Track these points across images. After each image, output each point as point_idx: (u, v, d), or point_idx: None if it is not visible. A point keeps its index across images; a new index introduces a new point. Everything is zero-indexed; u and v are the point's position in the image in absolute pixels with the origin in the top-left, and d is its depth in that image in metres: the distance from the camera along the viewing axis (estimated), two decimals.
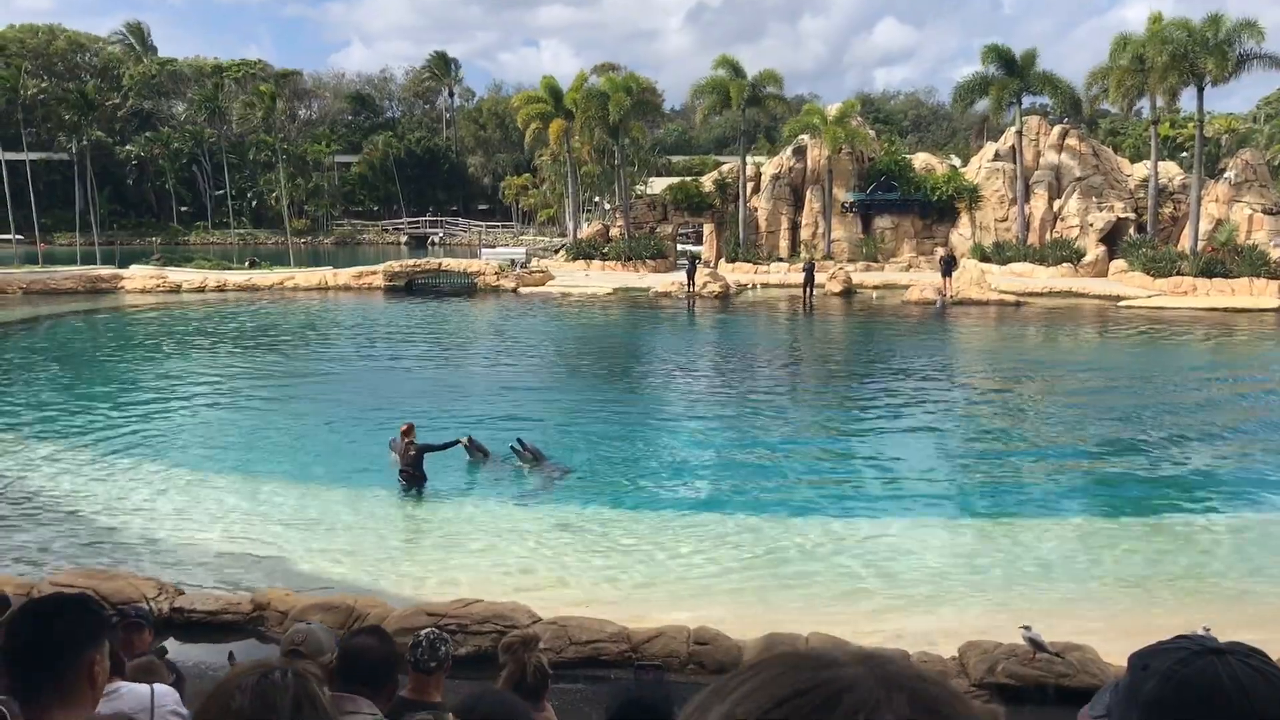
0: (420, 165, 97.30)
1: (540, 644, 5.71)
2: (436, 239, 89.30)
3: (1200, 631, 7.21)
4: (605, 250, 53.42)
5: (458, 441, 15.72)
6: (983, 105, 51.48)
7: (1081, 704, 1.91)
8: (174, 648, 9.28)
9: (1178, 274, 40.95)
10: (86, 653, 2.66)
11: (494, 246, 68.79)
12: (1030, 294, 41.54)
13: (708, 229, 57.14)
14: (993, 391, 23.94)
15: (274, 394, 22.62)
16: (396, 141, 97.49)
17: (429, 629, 5.04)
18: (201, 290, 44.80)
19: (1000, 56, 48.94)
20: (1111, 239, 47.54)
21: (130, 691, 3.97)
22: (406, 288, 45.43)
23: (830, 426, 19.76)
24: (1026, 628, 8.45)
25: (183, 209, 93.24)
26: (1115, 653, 8.38)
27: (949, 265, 41.59)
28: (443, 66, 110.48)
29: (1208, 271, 40.27)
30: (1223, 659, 1.35)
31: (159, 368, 26.12)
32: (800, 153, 54.28)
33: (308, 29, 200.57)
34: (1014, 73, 48.73)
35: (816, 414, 21.17)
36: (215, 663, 8.54)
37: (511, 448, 16.16)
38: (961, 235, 51.61)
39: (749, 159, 55.63)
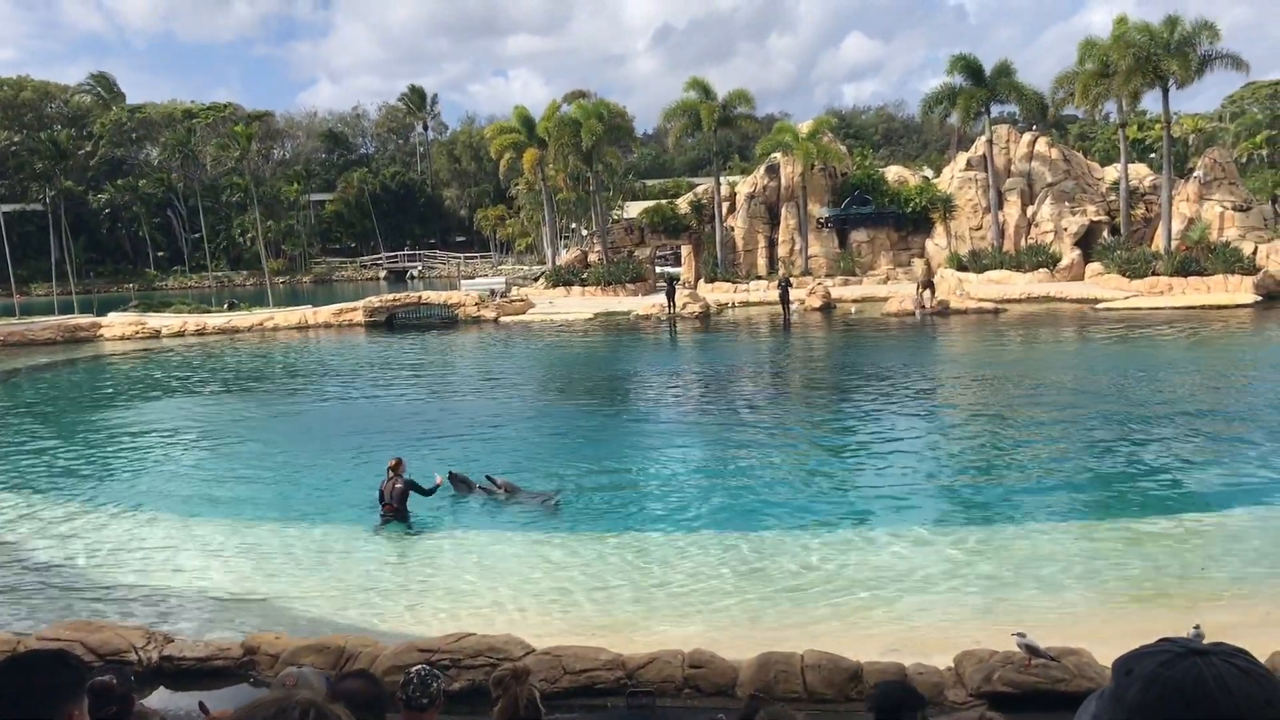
0: (396, 200, 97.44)
1: (532, 676, 5.67)
2: (415, 273, 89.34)
3: (1191, 631, 7.20)
4: (584, 276, 53.54)
5: (438, 485, 15.43)
6: (952, 116, 51.91)
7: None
8: (165, 697, 9.19)
9: (1153, 274, 41.33)
10: (66, 707, 2.63)
11: (473, 277, 68.80)
12: (1009, 300, 41.79)
13: (685, 250, 57.36)
14: (977, 400, 24.01)
15: (257, 435, 22.48)
16: (371, 177, 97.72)
17: (420, 666, 4.99)
18: (181, 335, 44.60)
19: (967, 66, 49.43)
20: (1086, 242, 47.95)
21: None
22: (387, 323, 45.36)
23: (816, 442, 19.75)
24: (1021, 634, 8.43)
25: (159, 254, 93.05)
26: (1112, 656, 8.32)
27: (929, 286, 41.55)
28: (417, 100, 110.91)
29: (1183, 270, 40.64)
30: (1206, 660, 1.34)
31: (141, 414, 25.93)
32: (774, 171, 54.60)
33: (274, 69, 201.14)
34: (981, 82, 49.22)
35: (801, 430, 21.16)
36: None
37: (481, 487, 16.01)
38: (937, 245, 51.94)
39: (723, 179, 55.89)
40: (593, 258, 56.42)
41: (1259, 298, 37.57)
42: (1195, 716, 1.30)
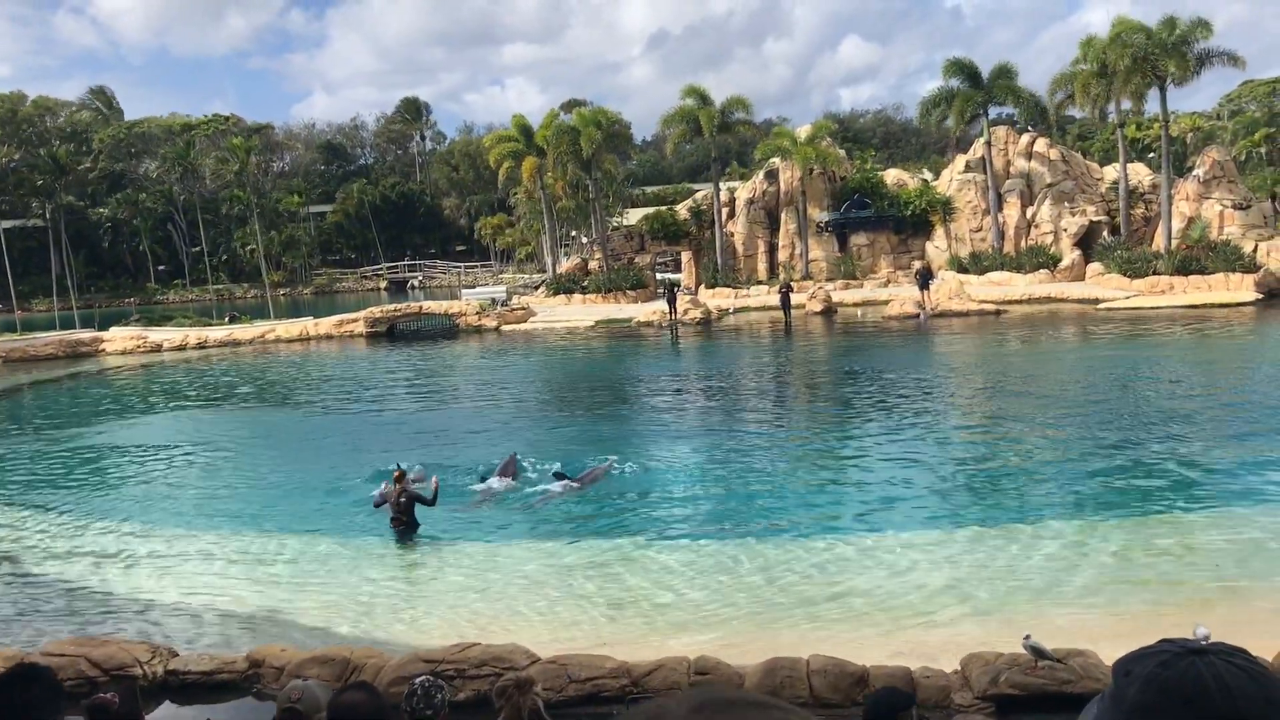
0: (396, 210, 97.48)
1: (537, 685, 5.66)
2: (416, 283, 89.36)
3: (1197, 632, 7.18)
4: (585, 283, 53.55)
5: (435, 490, 15.11)
6: (948, 119, 51.94)
7: None
8: (170, 711, 9.19)
9: (1154, 273, 41.31)
10: None
11: (474, 287, 68.80)
12: (1010, 302, 41.78)
13: (686, 256, 57.37)
14: (979, 402, 24.00)
15: (260, 447, 22.48)
16: (371, 188, 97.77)
17: (424, 676, 4.99)
18: (183, 348, 44.59)
19: (964, 70, 49.48)
20: (1086, 242, 47.95)
21: None
22: (388, 333, 45.36)
23: (819, 447, 19.74)
24: (1027, 636, 8.42)
25: (160, 268, 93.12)
26: (1118, 657, 8.32)
27: (926, 278, 41.83)
28: (414, 111, 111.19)
29: (1184, 269, 40.62)
30: (1205, 659, 1.34)
31: (144, 428, 25.94)
32: (773, 176, 54.65)
33: (270, 81, 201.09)
34: (978, 85, 49.26)
35: (805, 435, 21.16)
36: None
37: (555, 473, 16.85)
38: (937, 248, 51.94)
39: (722, 184, 55.93)
40: (593, 265, 56.46)
41: (1260, 295, 37.55)
42: (1194, 716, 1.29)
